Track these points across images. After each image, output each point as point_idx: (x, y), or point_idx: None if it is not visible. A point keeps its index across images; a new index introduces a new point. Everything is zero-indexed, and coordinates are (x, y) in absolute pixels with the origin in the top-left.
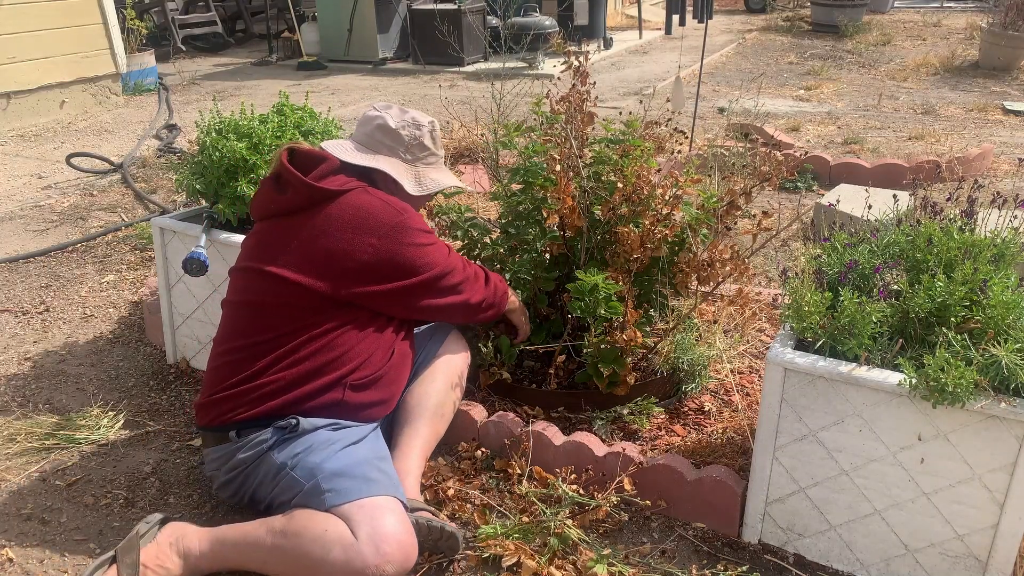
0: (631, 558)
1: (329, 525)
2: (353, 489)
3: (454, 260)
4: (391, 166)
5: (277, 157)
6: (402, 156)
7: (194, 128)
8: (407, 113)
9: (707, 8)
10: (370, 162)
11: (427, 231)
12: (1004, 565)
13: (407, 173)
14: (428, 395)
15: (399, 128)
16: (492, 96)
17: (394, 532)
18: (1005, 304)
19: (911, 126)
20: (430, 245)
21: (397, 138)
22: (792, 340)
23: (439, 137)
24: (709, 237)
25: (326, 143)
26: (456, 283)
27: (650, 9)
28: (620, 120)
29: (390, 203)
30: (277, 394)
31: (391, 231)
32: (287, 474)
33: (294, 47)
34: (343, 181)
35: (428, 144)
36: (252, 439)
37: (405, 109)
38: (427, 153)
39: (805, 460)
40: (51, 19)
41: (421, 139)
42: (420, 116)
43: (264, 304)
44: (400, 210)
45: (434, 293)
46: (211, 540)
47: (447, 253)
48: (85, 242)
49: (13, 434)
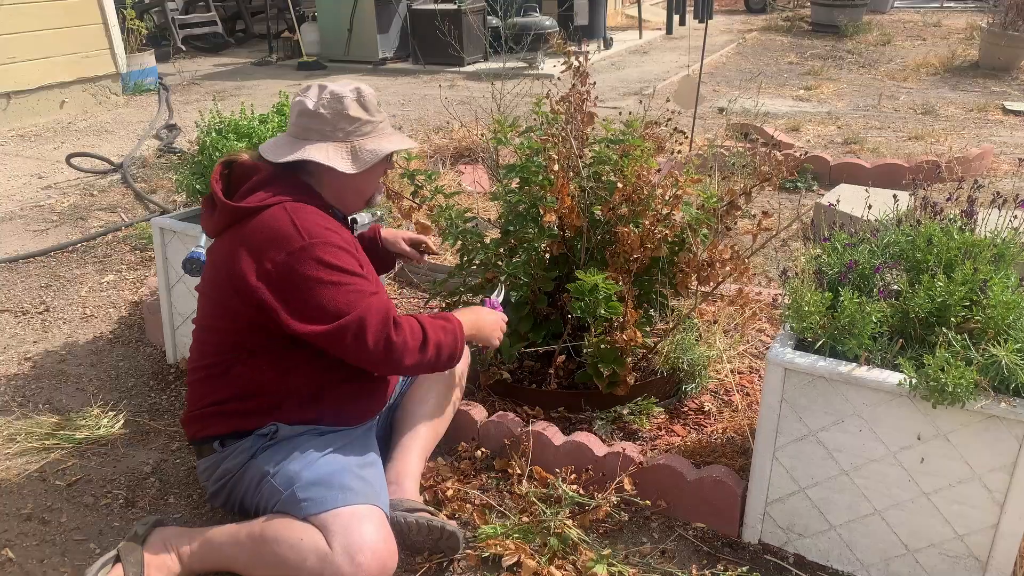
0: (631, 558)
1: (305, 534)
2: (329, 498)
3: (367, 311)
4: (319, 151)
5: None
6: (331, 135)
7: (194, 128)
8: (326, 89)
9: (707, 8)
10: (294, 155)
11: (338, 267)
12: (1004, 565)
13: (339, 152)
14: (428, 396)
15: (318, 108)
16: (492, 96)
17: (370, 542)
18: (1005, 304)
19: (911, 126)
20: (334, 285)
21: (320, 118)
22: (792, 340)
23: (371, 102)
24: (709, 237)
25: (263, 145)
26: (364, 336)
27: (650, 9)
28: (620, 120)
29: (302, 226)
30: (249, 415)
31: (289, 258)
32: (268, 482)
33: (294, 47)
34: (263, 197)
35: (356, 114)
36: (235, 448)
37: (324, 85)
38: (359, 123)
39: (805, 460)
40: (51, 19)
41: (345, 111)
42: (341, 87)
43: (204, 326)
44: (308, 236)
45: (333, 342)
46: (200, 541)
47: (356, 301)
48: (85, 242)
49: (13, 434)
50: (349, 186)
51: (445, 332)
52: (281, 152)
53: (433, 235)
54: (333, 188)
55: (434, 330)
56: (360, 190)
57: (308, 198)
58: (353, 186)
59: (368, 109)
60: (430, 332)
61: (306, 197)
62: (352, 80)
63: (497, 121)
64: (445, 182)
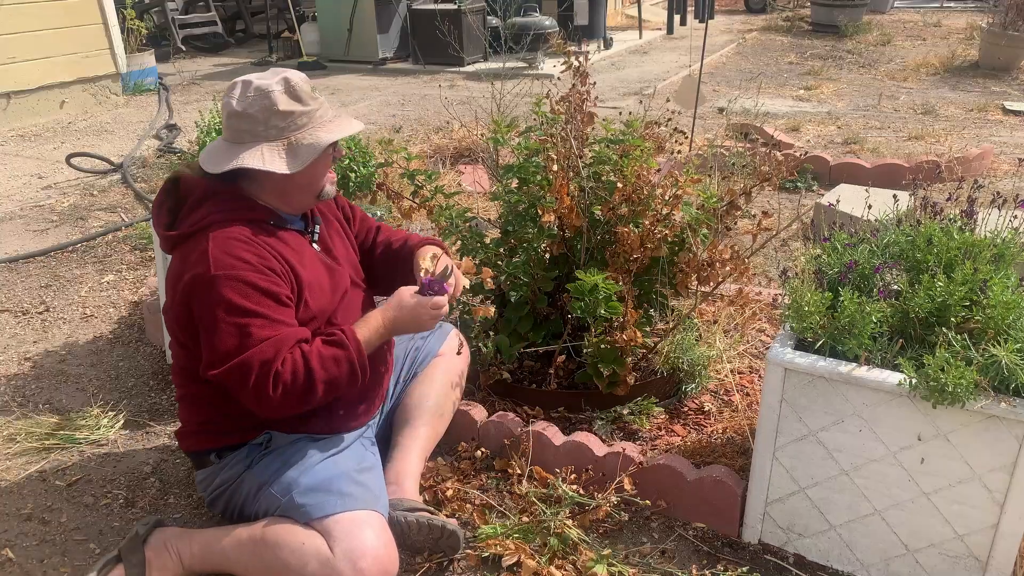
0: (631, 558)
1: (307, 539)
2: (328, 504)
3: (249, 358)
4: (253, 156)
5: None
6: (264, 135)
7: (194, 128)
8: (251, 85)
9: (708, 8)
10: (228, 165)
11: (238, 307)
12: (1004, 565)
13: (274, 152)
14: (427, 395)
15: (246, 108)
16: (492, 96)
17: (371, 548)
18: (1005, 304)
19: (911, 126)
20: (229, 326)
21: (250, 119)
22: (792, 340)
23: (303, 89)
24: (709, 237)
25: (202, 153)
26: (245, 384)
27: (650, 9)
28: (620, 120)
29: (213, 256)
30: (243, 432)
31: (192, 290)
32: (266, 491)
33: (294, 47)
34: (193, 221)
35: (287, 107)
36: (231, 459)
37: (249, 80)
38: (292, 116)
39: (805, 460)
40: (51, 19)
41: (274, 107)
42: (266, 80)
43: (172, 345)
44: (216, 267)
45: (224, 384)
46: (202, 543)
47: (243, 344)
48: (85, 242)
49: (13, 434)
50: (293, 185)
51: (337, 364)
52: (217, 161)
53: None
54: (276, 190)
55: (323, 366)
56: (305, 186)
57: (246, 212)
58: (297, 184)
59: (300, 98)
60: (317, 371)
61: (239, 214)
62: (279, 68)
63: (496, 121)
64: (445, 182)
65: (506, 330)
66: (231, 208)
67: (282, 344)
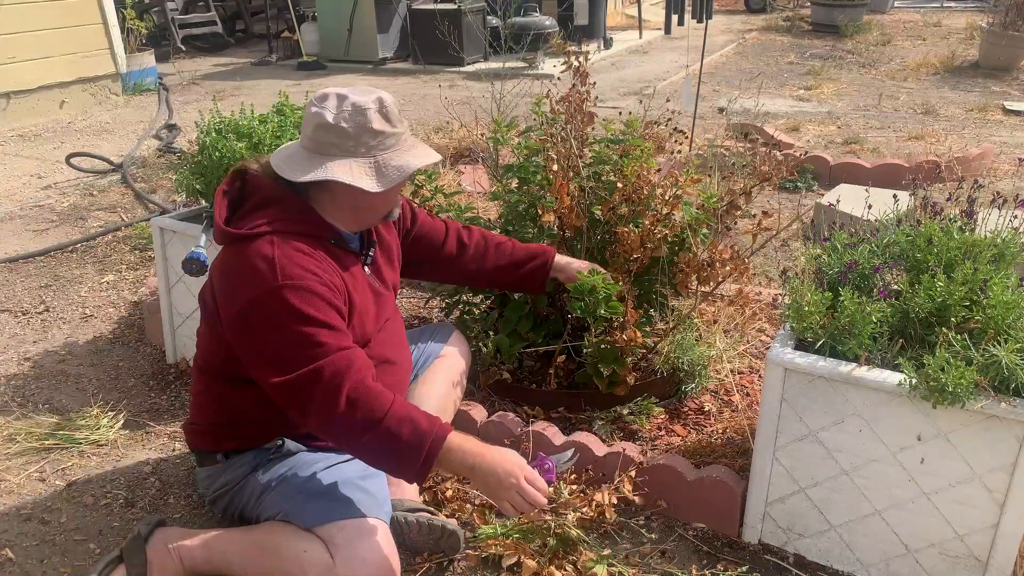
0: (631, 558)
1: (309, 545)
2: (331, 510)
3: (329, 363)
4: (343, 170)
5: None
6: (353, 151)
7: (194, 128)
8: (345, 100)
9: (707, 8)
10: (316, 175)
11: (304, 315)
12: (1004, 565)
13: (363, 170)
14: (429, 396)
15: (339, 121)
16: (492, 96)
17: (373, 556)
18: (1005, 304)
19: (911, 126)
20: (296, 335)
21: (341, 133)
22: (792, 340)
23: (393, 111)
24: (709, 237)
25: (275, 157)
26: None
27: (650, 9)
28: (620, 120)
29: (280, 264)
30: (254, 439)
31: (258, 298)
32: (269, 494)
33: (294, 47)
34: (255, 224)
35: (380, 127)
36: (237, 460)
37: (343, 94)
38: (382, 137)
39: (805, 460)
40: (51, 19)
41: (368, 124)
42: (362, 98)
43: (202, 333)
44: (282, 276)
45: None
46: (203, 544)
47: (323, 351)
48: (85, 242)
49: (13, 434)
50: (368, 205)
51: (414, 427)
52: (299, 169)
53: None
54: (349, 205)
55: (399, 419)
56: (379, 206)
57: (308, 227)
58: (373, 203)
59: (391, 120)
60: (391, 419)
61: (306, 226)
62: (368, 87)
63: (496, 121)
64: (445, 182)
65: (506, 330)
66: (295, 220)
67: (355, 361)
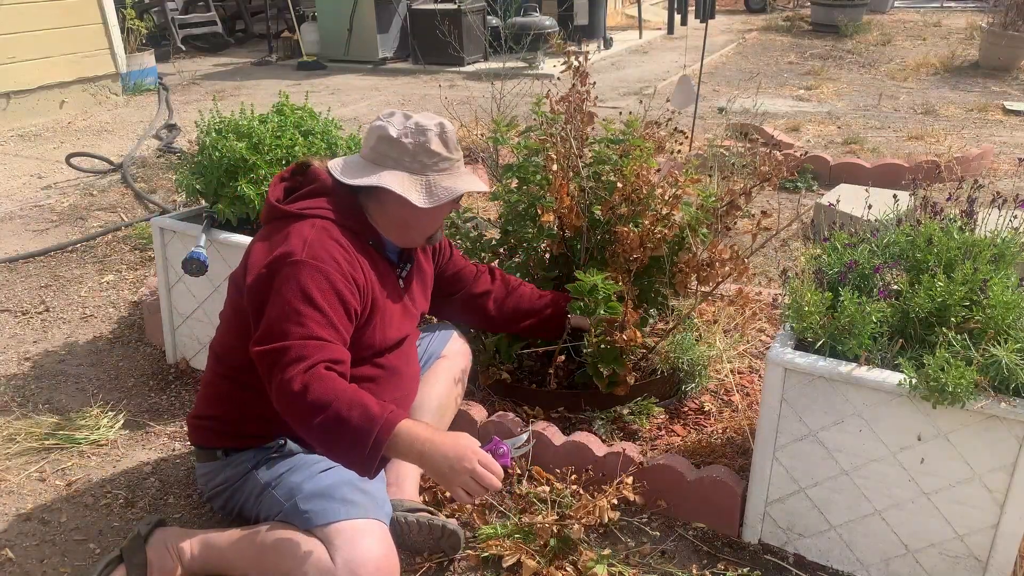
0: (631, 558)
1: (308, 546)
2: (331, 511)
3: (290, 347)
4: (395, 180)
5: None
6: (408, 166)
7: (194, 128)
8: (410, 119)
9: (709, 8)
10: (369, 180)
11: (307, 297)
12: (1004, 565)
13: (414, 184)
14: (430, 397)
15: (400, 136)
16: (492, 96)
17: (372, 557)
18: (1005, 304)
19: (911, 126)
20: (292, 311)
21: (401, 147)
22: (792, 340)
23: (452, 139)
24: (709, 237)
25: (333, 161)
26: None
27: (650, 9)
28: (620, 120)
29: (310, 243)
30: (258, 438)
31: (276, 266)
32: (269, 493)
33: (294, 47)
34: (306, 205)
35: (437, 149)
36: (237, 457)
37: (409, 114)
38: (438, 159)
39: (805, 460)
40: (51, 19)
41: (427, 144)
42: (426, 119)
43: (221, 324)
44: (308, 255)
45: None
46: (203, 545)
47: (293, 332)
48: (85, 242)
49: (13, 434)
50: (414, 220)
51: (364, 416)
52: (354, 173)
53: None
54: (397, 219)
55: (350, 403)
56: (424, 226)
57: (354, 223)
58: (418, 220)
59: (448, 146)
60: (342, 403)
61: (352, 221)
62: (434, 115)
63: (495, 121)
64: None
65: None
66: (342, 212)
67: (323, 350)
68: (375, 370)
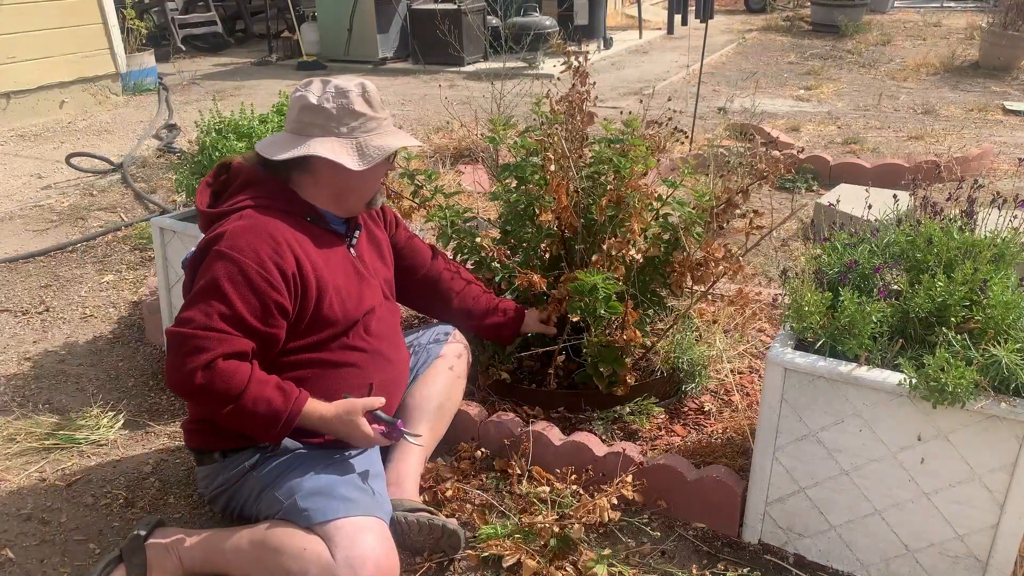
0: (631, 558)
1: (308, 544)
2: (331, 508)
3: (189, 335)
4: (325, 147)
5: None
6: (335, 131)
7: (194, 128)
8: (329, 83)
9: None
10: (296, 151)
11: (218, 289)
12: (1004, 565)
13: (345, 148)
14: (429, 397)
15: (322, 102)
16: (492, 96)
17: (372, 555)
18: (1005, 304)
19: (911, 126)
20: (201, 299)
21: (324, 113)
22: (792, 340)
23: (375, 98)
24: (704, 236)
25: (260, 142)
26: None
27: (650, 9)
28: (620, 120)
29: (232, 234)
30: (248, 439)
31: (202, 252)
32: (268, 492)
33: (294, 47)
34: (233, 201)
35: (361, 109)
36: (236, 458)
37: (327, 80)
38: (364, 119)
39: (805, 460)
40: (51, 19)
41: (350, 106)
42: (345, 82)
43: None
44: (229, 247)
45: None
46: (202, 544)
47: (195, 319)
48: (85, 242)
49: (13, 434)
50: (351, 185)
51: (269, 406)
52: (280, 149)
53: None
54: (332, 188)
55: (255, 399)
56: (361, 190)
57: (284, 203)
58: (355, 185)
59: (372, 105)
60: (247, 399)
61: (281, 202)
62: (353, 76)
63: (493, 121)
64: (445, 182)
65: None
66: (271, 196)
67: (224, 343)
68: (355, 354)
